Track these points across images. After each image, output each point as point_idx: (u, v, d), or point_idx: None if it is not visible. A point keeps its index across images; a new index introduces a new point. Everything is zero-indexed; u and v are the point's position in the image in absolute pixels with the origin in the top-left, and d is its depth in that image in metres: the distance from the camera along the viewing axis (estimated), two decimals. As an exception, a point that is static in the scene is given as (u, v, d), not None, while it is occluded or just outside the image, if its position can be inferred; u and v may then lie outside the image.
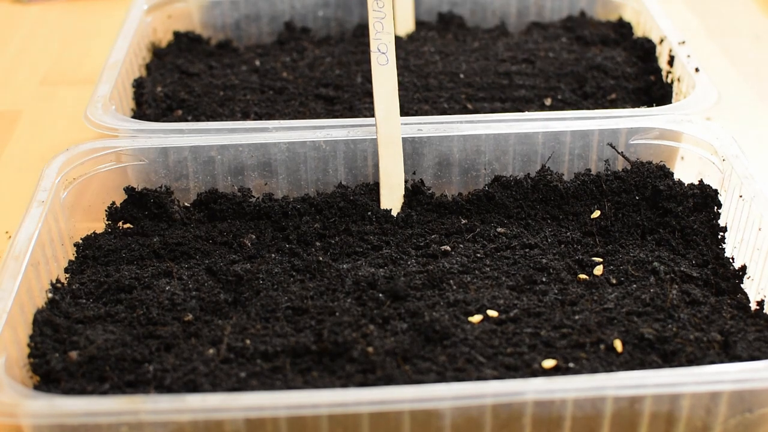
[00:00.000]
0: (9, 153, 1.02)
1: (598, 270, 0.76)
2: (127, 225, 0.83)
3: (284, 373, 0.66)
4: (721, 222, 0.81)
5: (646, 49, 1.07)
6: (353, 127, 0.86)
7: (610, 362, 0.66)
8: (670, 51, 1.01)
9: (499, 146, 0.86)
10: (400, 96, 0.81)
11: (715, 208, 0.81)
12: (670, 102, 0.98)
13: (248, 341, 0.68)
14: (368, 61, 0.81)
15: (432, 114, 0.95)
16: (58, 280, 0.75)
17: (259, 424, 0.60)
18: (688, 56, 0.98)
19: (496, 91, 1.00)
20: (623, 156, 0.86)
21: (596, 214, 0.82)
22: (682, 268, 0.75)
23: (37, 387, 0.66)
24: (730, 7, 1.33)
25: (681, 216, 0.80)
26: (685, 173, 0.85)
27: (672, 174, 0.84)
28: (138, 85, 1.02)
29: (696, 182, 0.83)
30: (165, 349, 0.68)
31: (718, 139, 0.84)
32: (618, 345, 0.67)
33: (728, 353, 0.67)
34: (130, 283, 0.74)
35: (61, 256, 0.78)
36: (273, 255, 0.78)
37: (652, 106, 0.95)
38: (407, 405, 0.60)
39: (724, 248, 0.79)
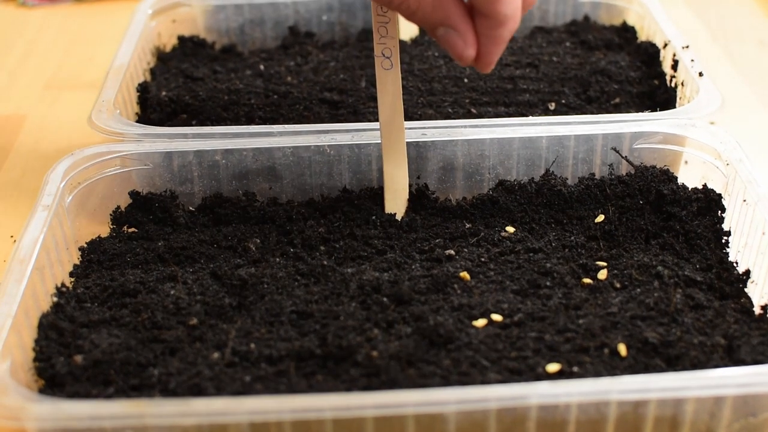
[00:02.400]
0: (13, 157, 1.02)
1: (602, 274, 0.76)
2: (132, 229, 0.83)
3: (289, 377, 0.66)
4: (725, 226, 0.81)
5: (650, 54, 1.07)
6: (358, 132, 0.86)
7: (615, 366, 0.66)
8: (674, 55, 1.01)
9: (503, 150, 0.86)
10: (404, 100, 0.81)
11: (719, 212, 0.81)
12: (674, 106, 0.98)
13: (253, 345, 0.68)
14: (372, 66, 0.81)
15: (436, 118, 0.95)
16: (63, 284, 0.75)
17: (264, 427, 0.60)
18: (692, 61, 0.98)
19: (500, 96, 1.00)
20: (627, 160, 0.86)
21: (600, 218, 0.82)
22: (686, 273, 0.75)
23: (42, 391, 0.66)
24: (734, 12, 1.33)
25: (685, 220, 0.81)
26: (688, 177, 0.85)
27: (676, 178, 0.84)
28: (142, 89, 1.02)
29: (700, 186, 0.83)
30: (170, 353, 0.69)
31: (722, 144, 0.84)
32: (622, 349, 0.67)
33: (732, 357, 0.67)
34: (134, 287, 0.75)
35: (66, 260, 0.78)
36: (277, 259, 0.78)
37: (656, 110, 0.95)
38: (411, 409, 0.60)
39: (727, 252, 0.79)
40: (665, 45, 1.05)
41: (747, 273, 0.76)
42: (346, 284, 0.75)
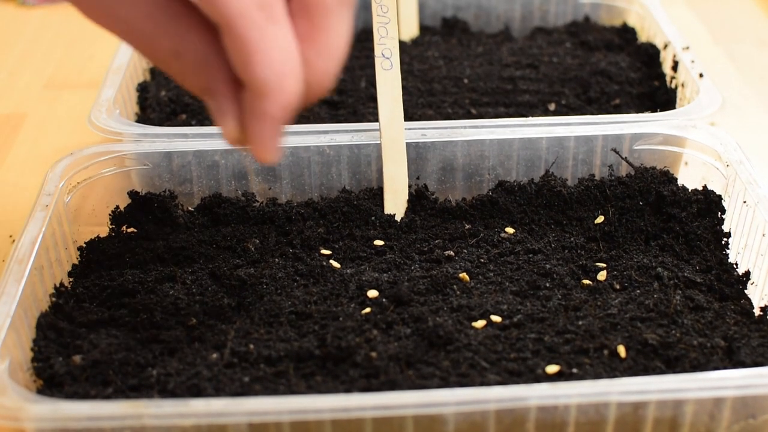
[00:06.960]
0: (13, 156, 1.02)
1: (602, 275, 0.76)
2: (131, 229, 0.83)
3: (288, 377, 0.66)
4: (725, 228, 0.81)
5: (650, 55, 1.07)
6: (357, 132, 0.86)
7: (614, 368, 0.66)
8: (674, 56, 1.01)
9: (503, 151, 0.86)
10: (404, 101, 0.81)
11: (719, 213, 0.81)
12: (674, 107, 0.98)
13: (252, 346, 0.68)
14: (372, 66, 0.81)
15: (436, 119, 0.95)
16: (61, 284, 0.75)
17: (263, 428, 0.60)
18: (693, 62, 0.98)
19: (500, 96, 1.00)
20: (627, 161, 0.86)
21: (600, 219, 0.82)
22: (685, 274, 0.75)
23: (41, 391, 0.66)
24: (734, 13, 1.33)
25: (685, 221, 0.80)
26: (688, 179, 0.85)
27: (676, 179, 0.84)
28: (142, 89, 1.02)
29: (700, 188, 0.83)
30: (168, 353, 0.68)
31: (722, 145, 0.84)
32: (621, 351, 0.67)
33: (732, 359, 0.67)
34: (133, 288, 0.74)
35: (65, 260, 0.78)
36: (276, 260, 0.78)
37: (656, 111, 0.95)
38: (411, 410, 0.60)
39: (727, 254, 0.79)
40: (665, 46, 1.05)
41: (747, 274, 0.76)
42: (345, 285, 0.74)
